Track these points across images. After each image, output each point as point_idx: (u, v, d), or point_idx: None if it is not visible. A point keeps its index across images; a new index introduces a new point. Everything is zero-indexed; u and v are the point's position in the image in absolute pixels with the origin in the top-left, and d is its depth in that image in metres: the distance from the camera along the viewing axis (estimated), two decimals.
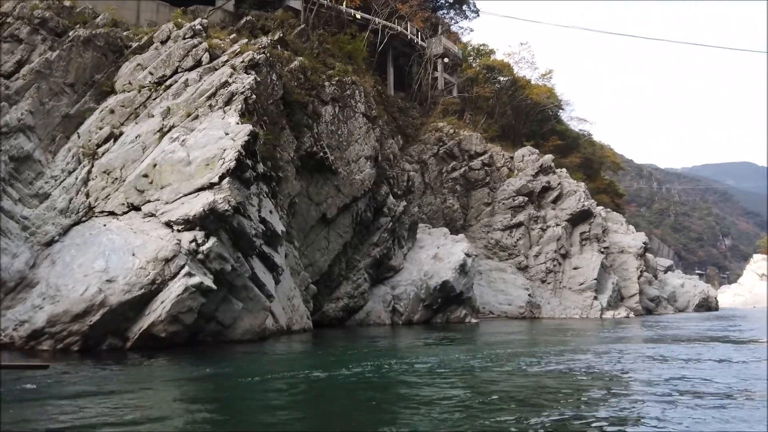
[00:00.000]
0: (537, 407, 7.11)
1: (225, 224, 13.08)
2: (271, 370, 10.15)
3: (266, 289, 14.47)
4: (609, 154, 72.25)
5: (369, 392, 8.26)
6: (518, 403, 7.41)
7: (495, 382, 8.95)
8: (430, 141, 37.58)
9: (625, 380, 9.29)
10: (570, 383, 8.88)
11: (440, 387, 8.62)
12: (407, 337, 18.50)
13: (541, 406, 7.22)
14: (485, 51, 50.17)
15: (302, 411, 7.24)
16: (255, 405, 7.35)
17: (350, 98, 24.18)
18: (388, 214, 25.26)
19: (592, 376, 9.54)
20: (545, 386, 8.67)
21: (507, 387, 8.56)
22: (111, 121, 16.26)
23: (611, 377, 9.56)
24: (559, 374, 9.73)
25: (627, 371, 10.20)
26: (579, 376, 9.60)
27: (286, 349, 13.30)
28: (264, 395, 8.05)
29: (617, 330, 22.51)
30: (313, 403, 7.69)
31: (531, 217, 36.35)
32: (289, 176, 20.12)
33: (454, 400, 7.52)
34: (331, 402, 7.66)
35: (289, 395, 8.13)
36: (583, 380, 9.16)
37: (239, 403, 7.39)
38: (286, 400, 7.81)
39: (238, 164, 12.94)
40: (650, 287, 43.08)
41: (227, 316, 13.27)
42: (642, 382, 9.01)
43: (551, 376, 9.59)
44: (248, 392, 8.16)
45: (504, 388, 8.44)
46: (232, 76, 15.70)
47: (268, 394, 8.12)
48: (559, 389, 8.35)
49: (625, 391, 8.33)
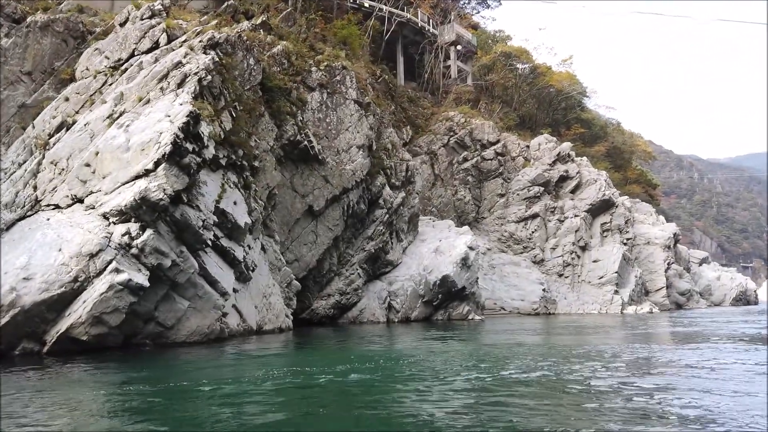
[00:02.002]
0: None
1: (164, 215, 11.91)
2: (192, 377, 8.89)
3: (220, 286, 13.26)
4: (640, 143, 69.20)
5: (291, 405, 6.91)
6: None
7: (464, 394, 7.49)
8: (440, 131, 35.98)
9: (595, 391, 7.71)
10: (564, 397, 7.36)
11: (381, 404, 7.21)
12: (393, 336, 17.07)
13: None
14: (502, 37, 48.12)
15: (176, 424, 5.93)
16: (139, 415, 6.12)
17: (340, 84, 22.83)
18: (384, 206, 23.85)
19: (586, 389, 8.00)
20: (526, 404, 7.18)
21: (478, 402, 7.10)
22: (65, 110, 15.31)
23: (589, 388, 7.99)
24: (548, 384, 8.20)
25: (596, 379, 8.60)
26: (572, 386, 8.06)
27: (235, 353, 12.06)
28: (156, 404, 6.78)
29: (626, 327, 20.61)
30: (207, 416, 6.36)
31: (547, 208, 34.41)
32: (267, 166, 18.90)
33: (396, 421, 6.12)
34: (231, 417, 6.31)
35: (184, 407, 6.83)
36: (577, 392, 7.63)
37: (118, 413, 6.15)
38: (176, 411, 6.51)
39: (175, 148, 11.73)
40: (680, 280, 40.55)
41: (169, 316, 12.10)
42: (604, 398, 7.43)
43: (536, 385, 8.07)
44: (141, 402, 6.91)
45: (476, 403, 6.99)
46: (187, 56, 14.54)
47: (159, 403, 6.84)
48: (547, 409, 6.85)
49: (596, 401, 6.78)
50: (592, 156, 50.03)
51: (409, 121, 36.34)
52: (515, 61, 46.45)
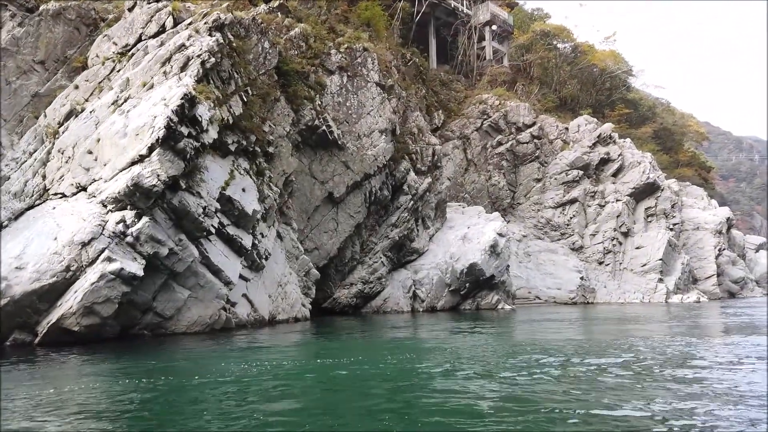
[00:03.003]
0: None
1: (161, 202, 11.55)
2: (182, 370, 8.44)
3: (224, 275, 12.86)
4: (692, 123, 65.82)
5: (281, 405, 6.36)
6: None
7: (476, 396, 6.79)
8: (473, 114, 34.81)
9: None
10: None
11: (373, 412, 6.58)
12: (415, 327, 16.37)
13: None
14: (540, 15, 46.27)
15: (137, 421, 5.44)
16: (122, 410, 5.72)
17: (361, 66, 22.13)
18: (409, 192, 23.09)
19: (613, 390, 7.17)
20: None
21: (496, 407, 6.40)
22: (75, 98, 15.16)
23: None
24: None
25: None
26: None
27: (236, 344, 11.61)
28: (141, 398, 6.34)
29: (671, 317, 19.28)
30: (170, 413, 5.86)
31: (587, 193, 32.88)
32: (283, 152, 18.43)
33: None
34: (193, 415, 5.80)
35: (168, 401, 6.34)
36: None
37: (89, 406, 5.74)
38: (159, 406, 6.03)
39: (169, 133, 11.31)
40: (734, 268, 38.27)
41: (168, 306, 11.77)
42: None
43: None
44: (127, 395, 6.49)
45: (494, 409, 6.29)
46: (191, 38, 14.12)
47: (145, 397, 6.39)
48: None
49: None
50: (638, 138, 47.71)
51: (441, 105, 35.33)
52: (554, 40, 44.57)
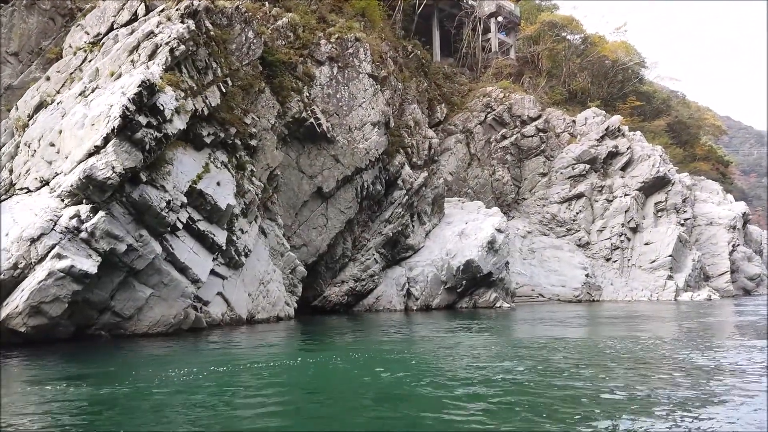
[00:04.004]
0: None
1: (120, 196, 10.97)
2: (116, 375, 7.84)
3: (191, 272, 12.27)
4: (708, 116, 64.20)
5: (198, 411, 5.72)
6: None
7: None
8: (476, 108, 33.91)
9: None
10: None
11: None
12: (399, 327, 15.67)
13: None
14: (547, 6, 45.16)
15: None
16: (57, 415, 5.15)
17: (353, 57, 21.42)
18: (403, 187, 22.35)
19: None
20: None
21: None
22: (46, 89, 14.67)
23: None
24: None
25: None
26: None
27: (199, 346, 11.01)
28: (78, 404, 5.77)
29: (679, 316, 18.35)
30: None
31: (594, 187, 31.88)
32: (267, 145, 17.82)
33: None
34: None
35: (108, 406, 5.74)
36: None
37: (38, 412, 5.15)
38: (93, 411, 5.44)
39: (125, 122, 10.71)
40: (749, 264, 36.98)
41: (128, 305, 11.20)
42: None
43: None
44: (64, 400, 5.92)
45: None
46: (160, 26, 13.53)
47: (82, 403, 5.81)
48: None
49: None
50: (651, 131, 46.46)
51: (445, 99, 34.47)
52: (563, 31, 43.47)
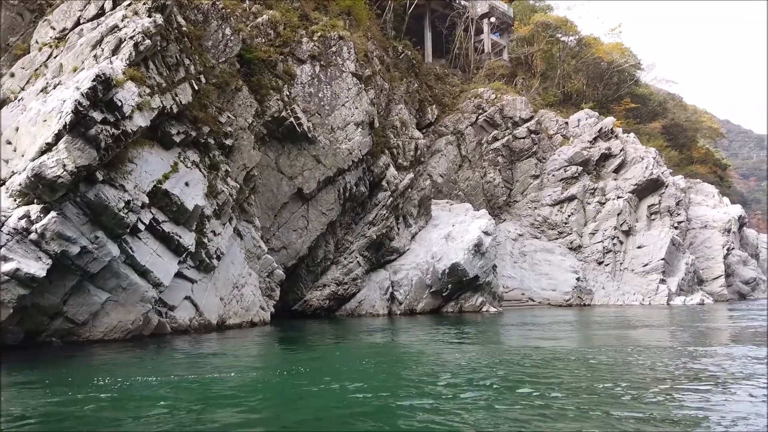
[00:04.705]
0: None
1: (73, 195, 10.46)
2: (62, 383, 7.30)
3: (153, 276, 11.75)
4: (705, 119, 63.71)
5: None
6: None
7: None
8: (467, 109, 33.45)
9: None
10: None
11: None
12: (372, 332, 15.14)
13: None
14: (541, 7, 44.73)
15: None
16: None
17: (336, 56, 20.94)
18: (388, 189, 21.85)
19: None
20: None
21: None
22: (11, 86, 14.17)
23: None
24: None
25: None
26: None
27: (154, 353, 10.48)
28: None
29: (665, 322, 17.82)
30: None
31: (586, 190, 31.39)
32: (244, 145, 17.31)
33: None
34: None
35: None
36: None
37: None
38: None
39: (77, 118, 10.21)
40: (745, 268, 36.46)
41: (82, 310, 10.68)
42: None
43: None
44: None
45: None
46: (125, 19, 13.05)
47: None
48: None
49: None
50: (647, 133, 46.03)
51: (436, 100, 34.02)
52: (557, 33, 43.03)
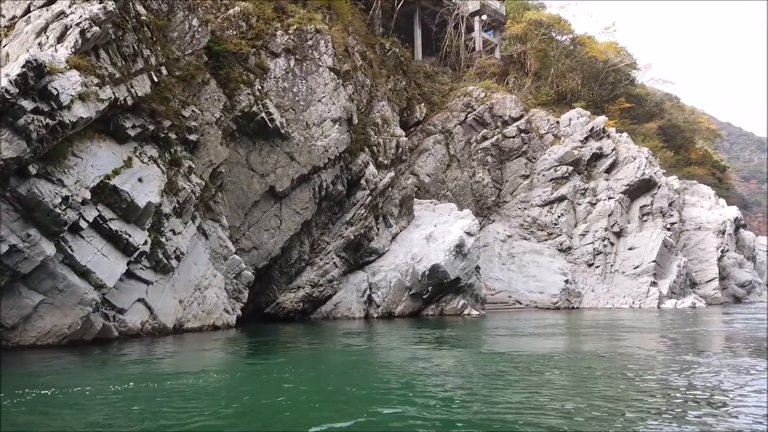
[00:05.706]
0: None
1: (3, 190, 9.74)
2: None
3: (94, 277, 11.02)
4: (702, 120, 63.03)
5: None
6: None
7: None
8: (456, 108, 32.75)
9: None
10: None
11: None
12: (335, 338, 14.40)
13: None
14: (534, 5, 44.05)
15: None
16: None
17: (312, 50, 20.22)
18: (367, 187, 21.11)
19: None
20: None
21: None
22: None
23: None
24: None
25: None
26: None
27: (103, 360, 9.75)
28: None
29: (646, 328, 17.06)
30: None
31: (577, 190, 30.65)
32: (211, 140, 16.60)
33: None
34: None
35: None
36: None
37: None
38: None
39: (5, 107, 9.49)
40: (740, 270, 35.68)
41: (12, 313, 9.96)
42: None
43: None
44: None
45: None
46: (72, 5, 12.35)
47: None
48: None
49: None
50: (642, 134, 45.33)
51: (425, 98, 33.33)
52: (550, 31, 42.32)
